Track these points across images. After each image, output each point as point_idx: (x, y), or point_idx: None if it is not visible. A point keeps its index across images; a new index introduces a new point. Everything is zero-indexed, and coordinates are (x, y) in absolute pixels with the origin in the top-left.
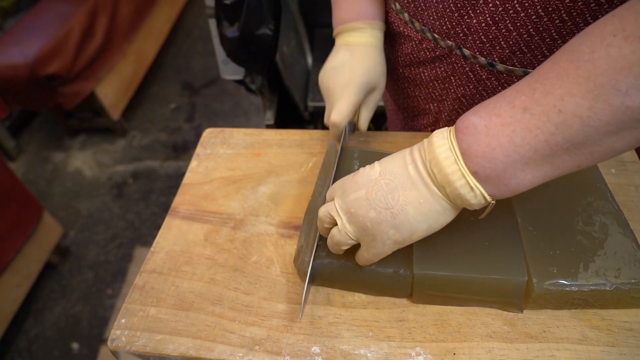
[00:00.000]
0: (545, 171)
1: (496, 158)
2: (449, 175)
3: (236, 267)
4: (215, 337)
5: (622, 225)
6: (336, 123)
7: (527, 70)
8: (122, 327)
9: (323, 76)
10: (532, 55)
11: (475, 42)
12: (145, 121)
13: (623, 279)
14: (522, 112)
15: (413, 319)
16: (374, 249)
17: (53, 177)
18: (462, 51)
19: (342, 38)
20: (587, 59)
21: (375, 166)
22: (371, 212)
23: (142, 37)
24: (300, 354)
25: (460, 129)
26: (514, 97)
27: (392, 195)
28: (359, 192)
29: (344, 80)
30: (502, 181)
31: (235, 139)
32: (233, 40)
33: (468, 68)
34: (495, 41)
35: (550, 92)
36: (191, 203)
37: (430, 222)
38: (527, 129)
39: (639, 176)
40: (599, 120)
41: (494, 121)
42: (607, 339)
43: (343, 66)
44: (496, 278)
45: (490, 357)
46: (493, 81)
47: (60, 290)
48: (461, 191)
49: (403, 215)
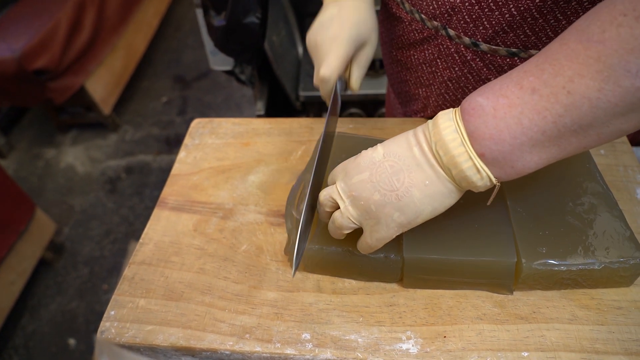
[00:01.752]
0: (552, 153)
1: (503, 140)
2: (456, 157)
3: (226, 256)
4: (205, 326)
5: (610, 206)
6: (325, 77)
7: (510, 50)
8: (112, 319)
9: (310, 34)
10: (514, 35)
11: (459, 22)
12: (137, 115)
13: (611, 257)
14: (531, 94)
15: (403, 304)
16: (377, 233)
17: (45, 173)
18: (447, 31)
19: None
20: (597, 40)
21: (378, 148)
22: (375, 195)
23: (131, 30)
24: (290, 340)
25: (467, 110)
26: (522, 77)
27: (397, 177)
28: (362, 174)
29: (332, 33)
30: (508, 163)
31: (224, 128)
32: (220, 29)
33: (453, 49)
34: (479, 21)
35: (559, 73)
36: (180, 194)
37: (435, 204)
38: (535, 111)
39: (627, 157)
40: (608, 102)
41: (501, 102)
42: (597, 317)
43: (331, 21)
44: (486, 260)
45: (481, 338)
46: (478, 62)
47: (56, 287)
48: (467, 173)
49: (408, 197)
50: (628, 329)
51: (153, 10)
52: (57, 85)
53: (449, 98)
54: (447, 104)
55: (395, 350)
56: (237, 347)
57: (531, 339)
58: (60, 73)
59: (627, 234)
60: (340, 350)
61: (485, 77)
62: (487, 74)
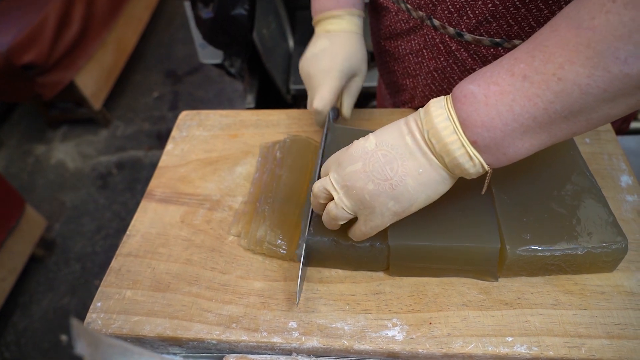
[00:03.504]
0: (542, 139)
1: (495, 127)
2: (448, 145)
3: (213, 247)
4: (192, 316)
5: (594, 192)
6: (319, 110)
7: (494, 40)
8: (98, 311)
9: (303, 64)
10: (497, 25)
11: (443, 12)
12: (128, 111)
13: (594, 242)
14: (522, 81)
15: (390, 291)
16: (372, 222)
17: (35, 169)
18: (432, 21)
19: (322, 26)
20: (587, 26)
21: (370, 138)
22: (369, 185)
23: (121, 24)
24: (277, 329)
25: (458, 97)
26: (513, 65)
27: (390, 166)
28: (356, 164)
29: (325, 66)
30: (500, 150)
31: (212, 120)
32: (208, 21)
33: (438, 39)
34: (462, 10)
35: (550, 60)
36: (167, 186)
37: (429, 191)
38: (526, 98)
39: (612, 145)
40: (598, 88)
41: (492, 90)
42: (580, 302)
43: (323, 53)
44: (470, 246)
45: (466, 325)
46: (462, 52)
47: (48, 283)
48: (460, 160)
49: (402, 186)
50: (610, 313)
51: (144, 4)
52: (46, 80)
53: (435, 89)
54: (433, 94)
55: (381, 337)
56: (223, 336)
57: (515, 325)
58: (49, 68)
59: (610, 220)
60: (326, 338)
61: (470, 67)
62: (471, 64)
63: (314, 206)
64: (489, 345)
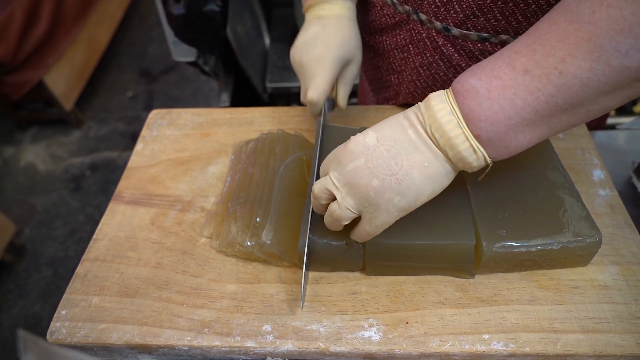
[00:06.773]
0: (543, 131)
1: (498, 121)
2: (453, 139)
3: (184, 249)
4: (162, 322)
5: (568, 187)
6: (313, 101)
7: (481, 35)
8: (63, 319)
9: (295, 53)
10: (485, 19)
11: (430, 6)
12: (102, 111)
13: (569, 237)
14: (523, 75)
15: (366, 291)
16: (377, 220)
17: (3, 172)
18: (418, 16)
19: (313, 11)
20: (588, 20)
21: (370, 133)
22: (374, 181)
23: (92, 22)
24: (251, 333)
25: (460, 92)
26: (513, 58)
27: (395, 160)
28: (357, 161)
29: (318, 54)
30: (502, 143)
31: (183, 119)
32: (179, 18)
33: (425, 34)
34: (449, 4)
35: (551, 53)
36: (137, 187)
37: (435, 185)
38: (528, 91)
39: (584, 140)
40: (598, 81)
41: (494, 84)
42: (555, 297)
43: (315, 40)
44: (446, 243)
45: (442, 323)
46: (449, 48)
47: (18, 290)
48: (464, 154)
49: (409, 180)
50: (585, 308)
51: (116, 1)
52: (13, 79)
53: (420, 85)
54: (418, 90)
55: (358, 338)
56: (195, 342)
57: (492, 322)
58: (16, 67)
59: (584, 214)
60: (301, 341)
61: (457, 63)
62: (458, 60)
63: (315, 208)
64: (465, 343)
